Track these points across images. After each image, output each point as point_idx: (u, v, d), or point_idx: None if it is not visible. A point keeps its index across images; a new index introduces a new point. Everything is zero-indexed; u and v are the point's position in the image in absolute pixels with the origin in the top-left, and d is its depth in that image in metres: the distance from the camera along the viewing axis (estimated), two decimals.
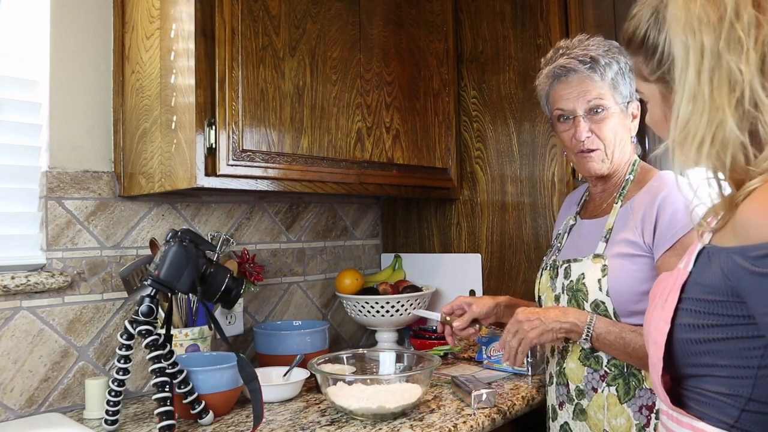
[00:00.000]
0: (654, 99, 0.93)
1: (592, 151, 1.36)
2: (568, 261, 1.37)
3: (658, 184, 1.30)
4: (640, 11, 0.90)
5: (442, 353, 1.94)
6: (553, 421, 1.40)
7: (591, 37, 1.40)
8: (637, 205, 1.30)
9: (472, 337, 1.51)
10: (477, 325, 1.51)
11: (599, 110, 1.34)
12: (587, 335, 1.24)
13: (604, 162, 1.37)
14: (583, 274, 1.32)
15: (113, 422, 1.33)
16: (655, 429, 1.22)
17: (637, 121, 1.40)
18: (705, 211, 0.83)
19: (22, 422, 1.40)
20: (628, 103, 1.37)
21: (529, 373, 1.71)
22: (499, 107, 2.06)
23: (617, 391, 1.26)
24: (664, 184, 1.28)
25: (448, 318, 1.52)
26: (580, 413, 1.32)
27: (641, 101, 1.36)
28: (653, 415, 1.23)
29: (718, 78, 0.74)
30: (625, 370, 1.26)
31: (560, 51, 1.40)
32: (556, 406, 1.38)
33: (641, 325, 1.16)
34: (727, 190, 0.78)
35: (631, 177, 1.38)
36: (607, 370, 1.27)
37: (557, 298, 1.38)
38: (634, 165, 1.40)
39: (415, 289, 2.05)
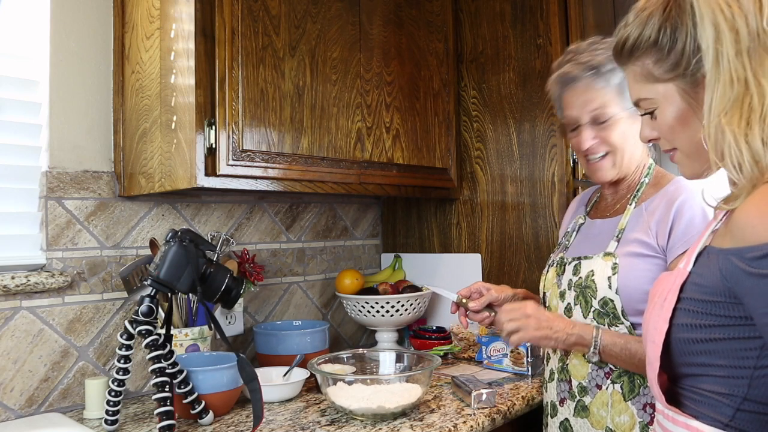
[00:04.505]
0: (670, 99, 0.87)
1: (604, 156, 1.36)
2: (578, 258, 1.38)
3: (675, 188, 1.30)
4: (642, 13, 0.88)
5: (442, 353, 1.94)
6: (552, 417, 1.40)
7: (604, 39, 1.37)
8: (652, 208, 1.31)
9: (485, 322, 1.49)
10: (492, 313, 1.47)
11: (603, 119, 1.35)
12: (595, 348, 1.25)
13: (614, 167, 1.37)
14: (592, 271, 1.32)
15: (113, 422, 1.33)
16: None
17: None
18: (726, 194, 0.82)
19: (22, 422, 1.40)
20: None
21: (529, 373, 1.71)
22: (499, 107, 2.06)
23: (622, 388, 1.26)
24: (681, 189, 1.28)
25: (464, 300, 1.50)
26: (582, 410, 1.32)
27: None
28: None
29: (759, 57, 0.74)
30: None
31: (569, 56, 1.39)
32: (557, 403, 1.38)
33: None
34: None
35: (647, 180, 1.38)
36: (613, 367, 1.28)
37: (562, 295, 1.38)
38: (649, 168, 1.40)
39: (415, 289, 2.05)
